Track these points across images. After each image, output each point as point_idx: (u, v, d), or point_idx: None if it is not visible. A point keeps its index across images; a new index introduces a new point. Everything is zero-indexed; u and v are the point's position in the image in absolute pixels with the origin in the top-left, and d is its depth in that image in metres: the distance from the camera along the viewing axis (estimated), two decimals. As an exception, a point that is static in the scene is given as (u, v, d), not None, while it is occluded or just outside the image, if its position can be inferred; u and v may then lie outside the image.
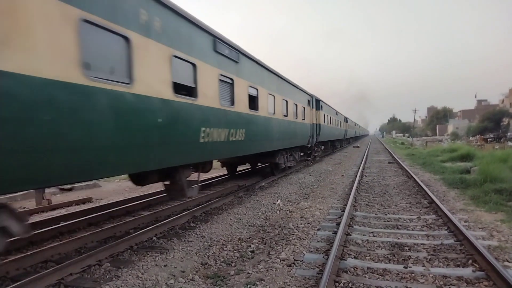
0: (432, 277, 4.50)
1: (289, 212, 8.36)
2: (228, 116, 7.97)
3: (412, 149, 35.30)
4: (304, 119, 16.45)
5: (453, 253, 5.34)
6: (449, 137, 71.56)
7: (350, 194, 9.69)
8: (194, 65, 6.52)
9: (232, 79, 8.20)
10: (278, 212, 8.43)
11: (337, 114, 30.50)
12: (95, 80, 4.19)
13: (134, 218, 7.37)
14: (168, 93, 5.69)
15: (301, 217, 7.71)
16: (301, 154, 17.96)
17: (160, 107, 5.48)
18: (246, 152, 9.37)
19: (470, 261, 4.94)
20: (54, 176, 3.87)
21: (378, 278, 4.56)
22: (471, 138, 60.75)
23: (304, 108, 16.57)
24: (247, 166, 16.46)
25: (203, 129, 6.78)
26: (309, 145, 17.93)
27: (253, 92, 9.70)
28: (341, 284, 4.34)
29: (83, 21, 4.02)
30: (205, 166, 8.15)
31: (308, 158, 19.60)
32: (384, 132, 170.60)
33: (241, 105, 8.76)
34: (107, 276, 4.64)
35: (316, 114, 19.59)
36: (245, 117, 8.99)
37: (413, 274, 4.59)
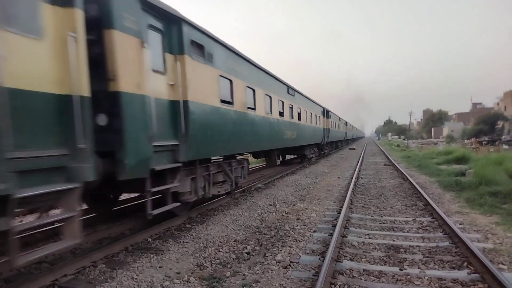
0: (427, 279, 4.51)
1: (285, 213, 8.35)
2: (293, 125, 15.35)
3: (407, 152, 35.48)
4: (319, 125, 23.48)
5: (449, 256, 5.36)
6: (445, 140, 71.92)
7: (346, 196, 9.71)
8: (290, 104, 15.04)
9: (292, 106, 15.44)
10: (274, 213, 8.42)
11: (339, 120, 37.61)
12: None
13: (129, 219, 7.32)
14: (276, 115, 12.54)
15: (297, 219, 7.71)
16: (316, 150, 24.18)
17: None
18: (297, 144, 16.57)
19: (465, 264, 4.96)
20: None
21: (374, 280, 4.57)
22: (466, 141, 61.09)
23: (319, 117, 23.53)
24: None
25: (285, 131, 13.84)
26: (322, 143, 24.78)
27: (300, 110, 17.10)
28: (337, 286, 4.35)
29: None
30: (284, 152, 17.67)
31: (322, 153, 26.56)
32: (380, 134, 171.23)
33: (296, 118, 16.07)
34: (102, 278, 4.60)
35: (326, 121, 26.21)
36: (297, 125, 16.30)
37: (408, 276, 4.60)
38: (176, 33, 6.15)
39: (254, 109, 10.03)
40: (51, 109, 3.81)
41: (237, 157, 9.82)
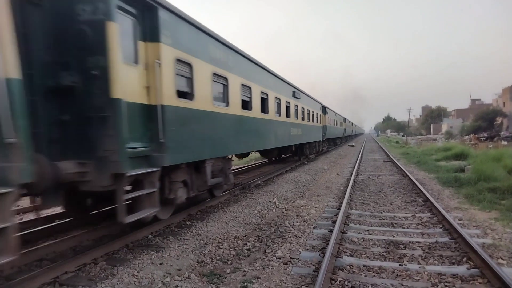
0: (427, 274, 4.53)
1: (285, 210, 8.37)
2: (298, 125, 16.63)
3: (406, 148, 35.49)
4: (319, 123, 23.73)
5: (448, 251, 5.38)
6: (443, 136, 72.03)
7: (345, 193, 9.73)
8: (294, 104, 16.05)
9: (297, 106, 16.48)
10: (274, 210, 8.44)
11: (338, 118, 36.56)
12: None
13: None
14: (273, 116, 12.31)
15: (297, 215, 7.73)
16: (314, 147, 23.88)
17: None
18: (302, 141, 17.88)
19: (464, 259, 4.98)
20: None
21: (374, 275, 4.58)
22: (465, 137, 61.16)
23: (318, 114, 23.53)
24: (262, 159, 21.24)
25: (291, 128, 15.20)
26: (321, 140, 24.93)
27: (304, 109, 18.42)
28: (337, 282, 4.36)
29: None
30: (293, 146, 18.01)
31: (321, 150, 26.17)
32: (379, 131, 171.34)
33: (300, 118, 17.15)
34: (103, 275, 4.62)
35: (323, 118, 25.68)
36: (302, 124, 17.53)
37: (408, 272, 4.62)
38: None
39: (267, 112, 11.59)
40: (143, 115, 5.25)
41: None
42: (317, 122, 22.79)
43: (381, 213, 7.93)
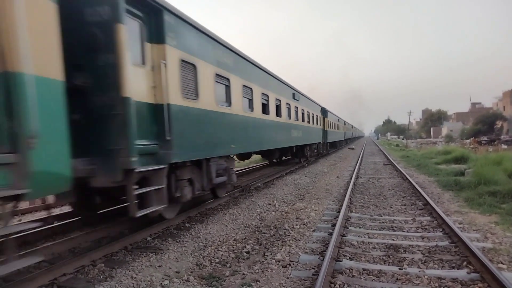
0: (427, 278, 4.51)
1: (285, 213, 8.35)
2: (298, 126, 16.98)
3: (406, 151, 35.48)
4: (319, 125, 24.11)
5: (448, 255, 5.36)
6: (443, 140, 72.03)
7: (345, 196, 9.71)
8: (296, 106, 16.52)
9: (297, 108, 16.91)
10: (273, 213, 8.42)
11: (338, 121, 37.07)
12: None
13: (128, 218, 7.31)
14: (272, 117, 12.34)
15: (297, 218, 7.71)
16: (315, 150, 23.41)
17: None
18: (304, 142, 18.71)
19: (464, 263, 4.96)
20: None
21: (374, 279, 4.57)
22: (465, 140, 61.16)
23: (318, 116, 23.77)
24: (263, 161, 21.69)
25: (292, 130, 15.61)
26: (321, 143, 24.41)
27: (303, 111, 18.46)
28: (337, 285, 4.34)
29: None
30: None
31: (320, 153, 25.13)
32: (379, 134, 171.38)
33: (300, 120, 17.54)
34: (101, 277, 4.60)
35: (324, 121, 26.05)
36: (301, 126, 17.73)
37: (408, 276, 4.60)
38: None
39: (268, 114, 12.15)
40: (151, 114, 5.48)
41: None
42: (317, 124, 23.13)
43: (381, 216, 7.91)
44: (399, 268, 4.81)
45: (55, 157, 3.69)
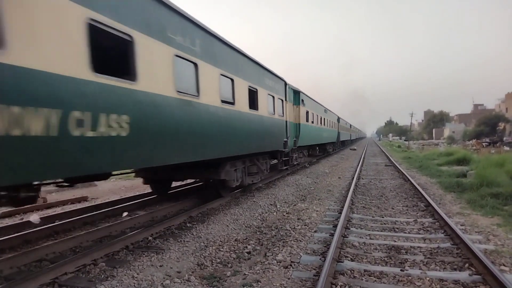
0: (428, 280, 4.49)
1: (286, 213, 8.34)
2: (325, 129, 26.02)
3: (408, 152, 35.40)
4: (336, 128, 31.00)
5: (450, 257, 5.34)
6: (446, 141, 71.81)
7: (347, 196, 9.69)
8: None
9: (325, 119, 25.85)
10: (275, 213, 8.41)
11: (346, 124, 36.33)
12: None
13: (130, 217, 7.33)
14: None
15: (298, 219, 7.70)
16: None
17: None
18: (330, 141, 28.52)
19: (466, 265, 4.94)
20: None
21: (375, 280, 4.55)
22: (467, 142, 60.96)
23: (334, 122, 29.83)
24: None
25: (323, 132, 24.90)
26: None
27: (327, 120, 26.53)
28: (338, 287, 4.33)
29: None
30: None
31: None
32: (381, 135, 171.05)
33: (326, 126, 26.23)
34: (102, 276, 4.60)
35: (338, 125, 27.16)
36: (326, 129, 26.41)
37: (410, 277, 4.58)
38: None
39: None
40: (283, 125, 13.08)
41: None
42: (334, 128, 30.94)
43: (383, 217, 7.89)
44: (401, 270, 4.79)
45: (291, 141, 13.82)
